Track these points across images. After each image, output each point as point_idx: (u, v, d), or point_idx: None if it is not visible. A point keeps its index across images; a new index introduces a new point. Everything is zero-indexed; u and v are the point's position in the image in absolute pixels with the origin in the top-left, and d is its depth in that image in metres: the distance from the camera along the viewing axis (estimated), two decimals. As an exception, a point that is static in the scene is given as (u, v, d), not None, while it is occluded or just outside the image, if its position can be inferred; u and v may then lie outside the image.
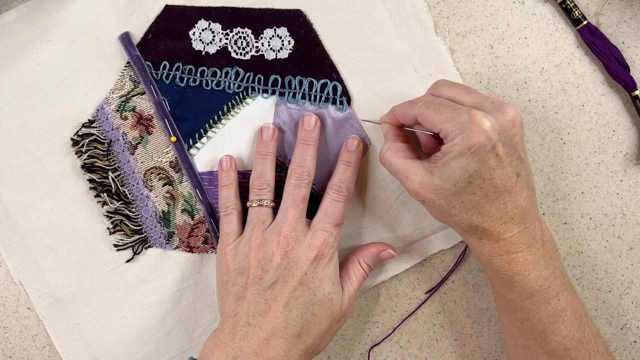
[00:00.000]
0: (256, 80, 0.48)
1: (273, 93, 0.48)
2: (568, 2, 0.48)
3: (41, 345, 0.51)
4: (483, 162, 0.39)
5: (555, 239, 0.50)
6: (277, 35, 0.47)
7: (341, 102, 0.48)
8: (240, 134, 0.48)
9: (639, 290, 0.51)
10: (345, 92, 0.48)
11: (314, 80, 0.48)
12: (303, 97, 0.48)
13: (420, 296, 0.51)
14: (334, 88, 0.48)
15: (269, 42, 0.47)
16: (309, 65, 0.48)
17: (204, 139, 0.48)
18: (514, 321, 0.43)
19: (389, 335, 0.51)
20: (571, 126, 0.50)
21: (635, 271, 0.51)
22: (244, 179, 0.48)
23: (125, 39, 0.47)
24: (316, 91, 0.48)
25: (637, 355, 0.51)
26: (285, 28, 0.47)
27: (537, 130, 0.50)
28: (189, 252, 0.49)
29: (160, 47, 0.48)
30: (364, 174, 0.49)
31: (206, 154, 0.49)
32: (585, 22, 0.48)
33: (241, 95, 0.48)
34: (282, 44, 0.47)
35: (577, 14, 0.48)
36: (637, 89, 0.48)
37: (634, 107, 0.49)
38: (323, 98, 0.48)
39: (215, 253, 0.49)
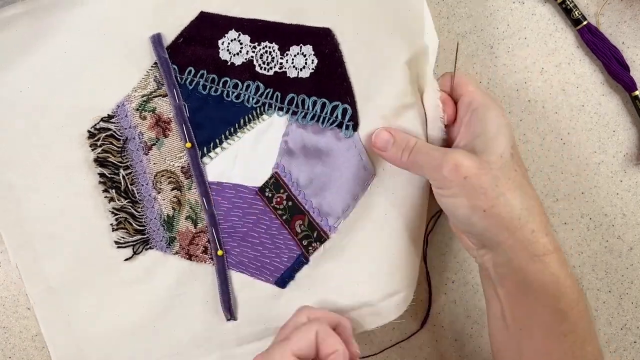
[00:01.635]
0: (275, 97, 0.47)
1: (287, 112, 0.47)
2: (568, 2, 0.48)
3: (41, 346, 0.51)
4: (512, 138, 0.39)
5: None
6: (302, 54, 0.46)
7: (347, 127, 0.46)
8: (253, 149, 0.48)
9: (639, 290, 0.51)
10: (354, 117, 0.46)
11: (327, 102, 0.46)
12: (313, 118, 0.47)
13: (420, 296, 0.51)
14: (344, 111, 0.46)
15: (293, 59, 0.46)
16: (327, 87, 0.46)
17: (218, 149, 0.48)
18: (556, 336, 0.39)
19: (381, 352, 0.52)
20: (571, 126, 0.50)
21: (635, 271, 0.51)
22: (245, 192, 0.48)
23: (157, 39, 0.47)
24: (326, 113, 0.46)
25: (637, 356, 0.51)
26: (311, 46, 0.46)
27: (537, 130, 0.50)
28: (187, 259, 0.49)
29: (188, 52, 0.47)
30: (366, 209, 0.47)
31: (218, 165, 0.48)
32: (585, 23, 0.48)
33: (258, 111, 0.47)
34: (306, 63, 0.46)
35: (577, 14, 0.48)
36: (637, 89, 0.48)
37: (634, 107, 0.49)
38: (331, 120, 0.47)
39: (213, 264, 0.48)
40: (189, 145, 0.48)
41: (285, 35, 0.46)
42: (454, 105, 0.43)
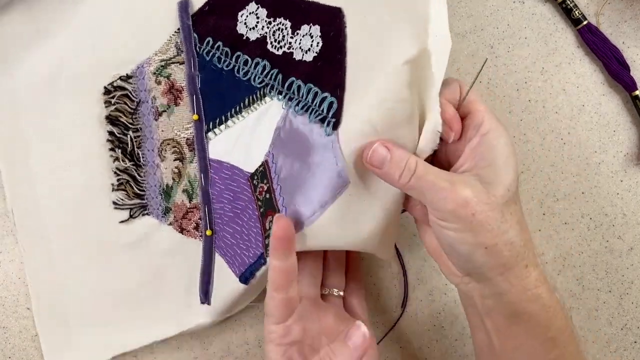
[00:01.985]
0: (277, 79, 0.44)
1: (285, 96, 0.43)
2: (568, 2, 0.48)
3: (41, 346, 0.51)
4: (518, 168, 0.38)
5: (556, 239, 0.50)
6: (310, 34, 0.42)
7: (328, 124, 0.40)
8: (253, 132, 0.45)
9: (639, 290, 0.51)
10: (338, 113, 0.40)
11: (319, 91, 0.41)
12: (304, 108, 0.42)
13: (420, 296, 0.51)
14: (330, 105, 0.41)
15: (301, 40, 0.43)
16: (324, 74, 0.41)
17: (222, 126, 0.47)
18: None
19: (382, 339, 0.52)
20: (571, 126, 0.50)
21: (636, 271, 0.51)
22: (240, 175, 0.47)
23: (184, 5, 0.46)
24: (316, 104, 0.42)
25: (638, 356, 0.51)
26: (319, 27, 0.42)
27: (537, 130, 0.50)
28: (179, 232, 0.49)
29: (210, 21, 0.46)
30: (334, 218, 0.41)
31: (221, 142, 0.47)
32: (585, 22, 0.48)
33: (262, 92, 0.45)
34: (311, 45, 0.42)
35: (577, 14, 0.48)
36: (637, 89, 0.48)
37: (634, 107, 0.49)
38: (317, 113, 0.41)
39: (202, 241, 0.48)
40: (195, 117, 0.47)
41: (300, 12, 0.43)
42: (460, 121, 0.39)
